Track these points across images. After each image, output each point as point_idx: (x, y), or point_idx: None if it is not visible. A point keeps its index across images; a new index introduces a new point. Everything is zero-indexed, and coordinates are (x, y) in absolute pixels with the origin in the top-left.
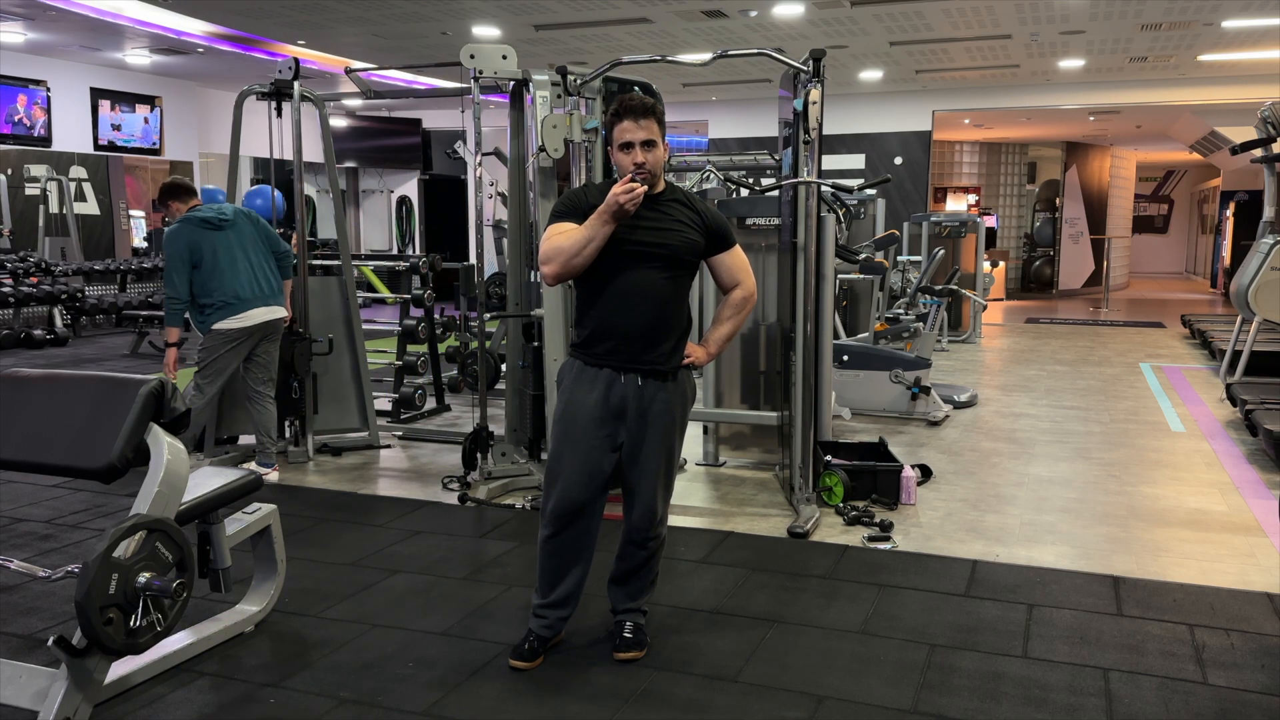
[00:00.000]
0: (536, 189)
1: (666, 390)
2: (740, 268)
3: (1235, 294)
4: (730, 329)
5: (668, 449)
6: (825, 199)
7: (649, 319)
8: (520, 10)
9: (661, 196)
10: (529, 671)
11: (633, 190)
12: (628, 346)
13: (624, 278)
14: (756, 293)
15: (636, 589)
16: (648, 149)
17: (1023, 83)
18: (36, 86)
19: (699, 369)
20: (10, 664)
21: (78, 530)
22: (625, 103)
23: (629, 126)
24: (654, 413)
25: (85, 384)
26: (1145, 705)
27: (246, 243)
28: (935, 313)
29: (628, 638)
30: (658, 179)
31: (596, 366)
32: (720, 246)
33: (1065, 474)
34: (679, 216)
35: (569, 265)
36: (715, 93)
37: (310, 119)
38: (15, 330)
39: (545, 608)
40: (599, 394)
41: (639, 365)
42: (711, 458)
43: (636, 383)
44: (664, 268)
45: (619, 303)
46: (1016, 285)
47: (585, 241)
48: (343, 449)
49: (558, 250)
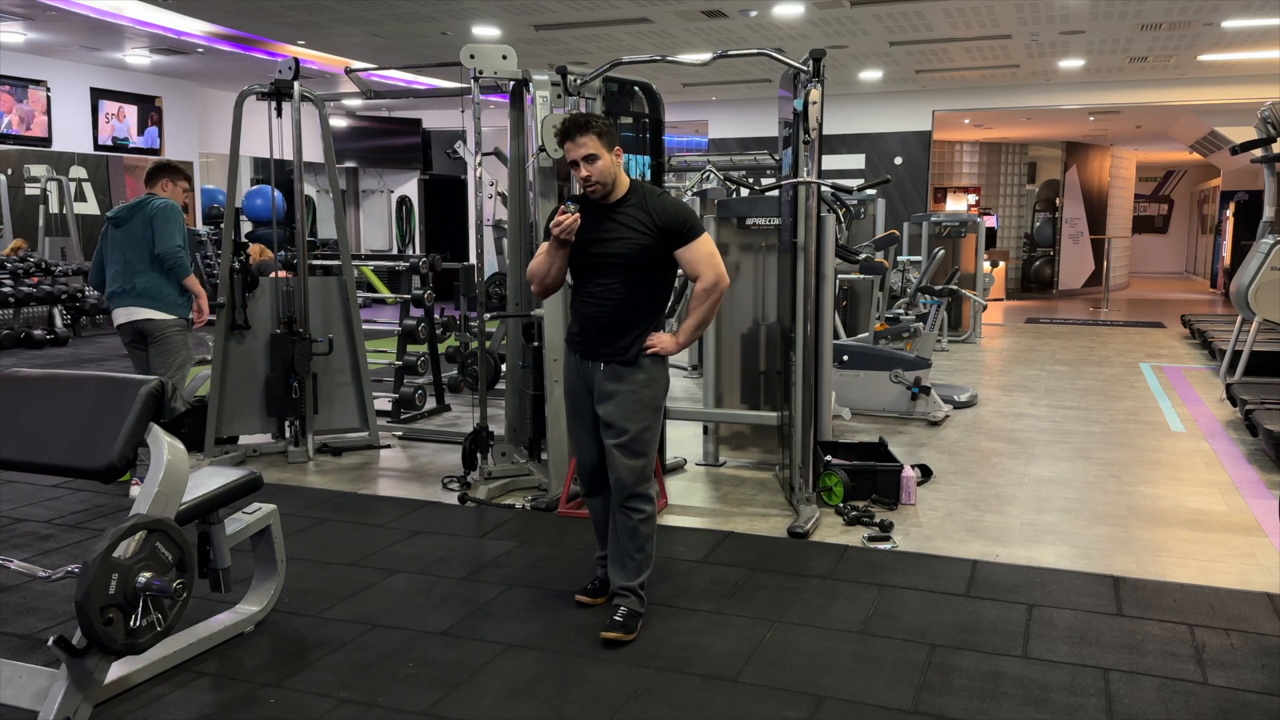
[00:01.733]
0: (536, 189)
1: (628, 372)
2: (700, 260)
3: (1235, 294)
4: (696, 320)
5: (632, 422)
6: (825, 199)
7: (606, 319)
8: (520, 10)
9: (620, 204)
10: (530, 671)
11: (561, 223)
12: (591, 340)
13: (586, 283)
14: (725, 281)
15: (625, 563)
16: (590, 163)
17: (1023, 83)
18: (36, 86)
19: (666, 357)
20: (10, 664)
21: (78, 530)
22: (564, 123)
23: (570, 146)
24: (618, 391)
25: (85, 384)
26: (1145, 705)
27: (127, 242)
28: (935, 313)
29: (616, 620)
30: (613, 186)
31: (573, 353)
32: (677, 242)
33: (1065, 474)
34: (631, 224)
35: (544, 284)
36: (715, 93)
37: (310, 119)
38: (15, 330)
39: (604, 558)
40: (577, 374)
41: (600, 356)
42: (711, 458)
43: (600, 368)
44: (618, 273)
45: (584, 304)
46: (1016, 285)
47: (549, 265)
48: (343, 449)
49: (533, 273)
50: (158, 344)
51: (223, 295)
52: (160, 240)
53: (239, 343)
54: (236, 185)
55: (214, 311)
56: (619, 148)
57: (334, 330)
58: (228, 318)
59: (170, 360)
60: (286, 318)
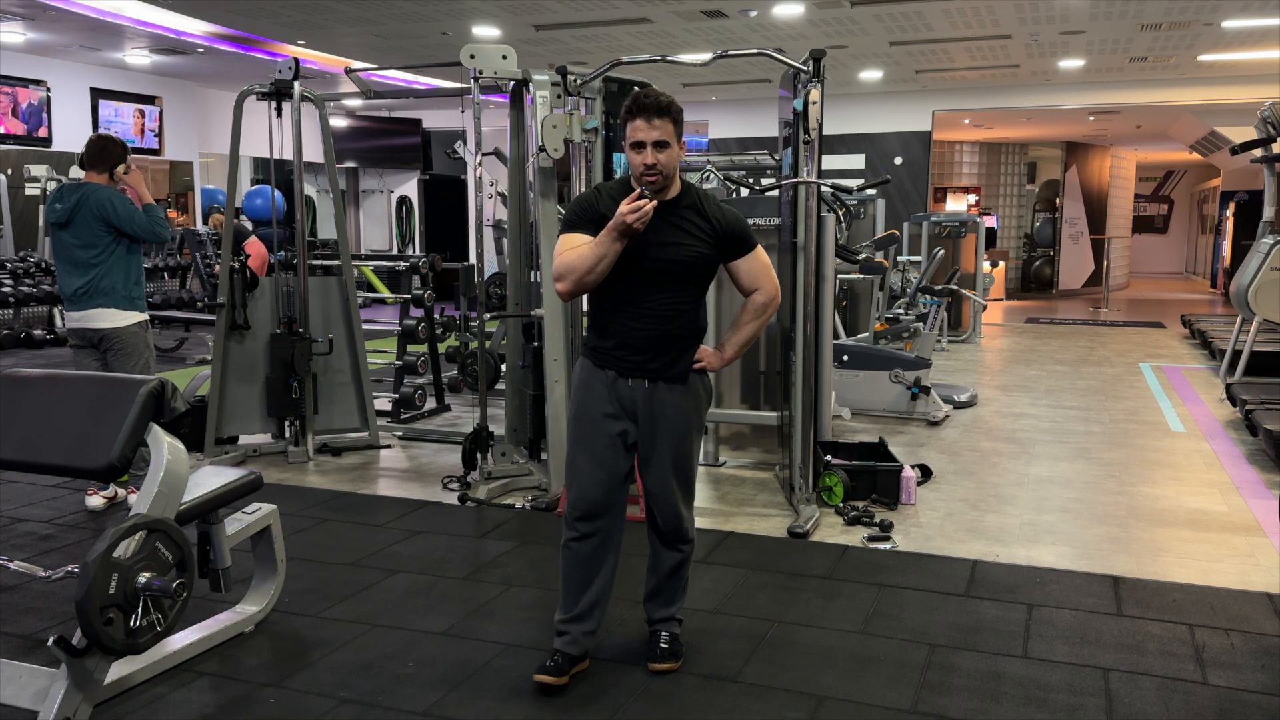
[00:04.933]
0: (536, 189)
1: (675, 393)
2: (760, 272)
3: (1235, 294)
4: (749, 333)
5: (684, 452)
6: (825, 199)
7: (658, 333)
8: (520, 10)
9: (676, 204)
10: (530, 671)
11: (640, 209)
12: (635, 355)
13: (634, 292)
14: (780, 295)
15: (670, 597)
16: (660, 150)
17: (1023, 83)
18: (37, 86)
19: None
20: (10, 664)
21: (78, 530)
22: (639, 99)
23: (641, 125)
24: (665, 416)
25: (85, 384)
26: (1145, 705)
27: (76, 242)
28: (935, 313)
29: (664, 649)
30: (671, 182)
31: (603, 368)
32: (737, 252)
33: (1065, 474)
34: (690, 229)
35: (582, 283)
36: (715, 93)
37: (310, 119)
38: (15, 330)
39: (568, 622)
40: (608, 393)
41: (646, 373)
42: (711, 458)
43: (644, 385)
44: (674, 282)
45: (628, 315)
46: (1016, 285)
47: (597, 259)
48: (343, 449)
49: (570, 268)
50: (115, 350)
51: (223, 295)
52: (130, 227)
53: (239, 343)
54: (236, 185)
55: (214, 311)
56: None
57: (334, 330)
58: (228, 318)
59: (128, 365)
60: (286, 318)
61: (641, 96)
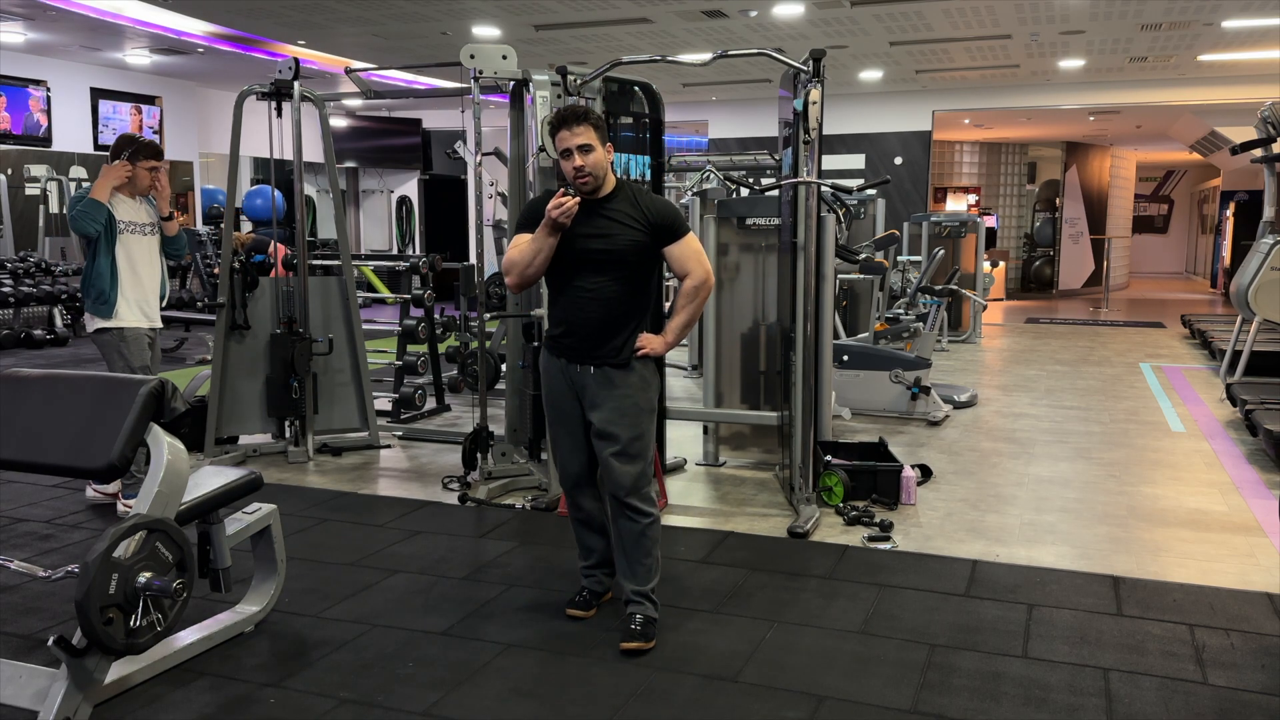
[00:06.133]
0: (536, 189)
1: (620, 375)
2: (689, 257)
3: (1235, 294)
4: (686, 317)
5: (628, 428)
6: (825, 199)
7: (598, 319)
8: (520, 10)
9: (609, 199)
10: (530, 671)
11: (562, 204)
12: (581, 343)
13: (575, 280)
14: (711, 278)
15: (635, 569)
16: (585, 153)
17: (1023, 83)
18: (37, 86)
19: (656, 357)
20: (10, 664)
21: (78, 530)
22: (560, 114)
23: (565, 135)
24: (611, 395)
25: (85, 384)
26: (1145, 705)
27: None
28: (935, 313)
29: (634, 629)
30: (603, 181)
31: (557, 356)
32: (667, 239)
33: (1065, 474)
34: (623, 219)
35: (524, 275)
36: (715, 93)
37: (310, 119)
38: (15, 330)
39: (590, 568)
40: (562, 379)
41: (592, 359)
42: (711, 458)
43: (590, 371)
44: (611, 269)
45: (571, 303)
46: (1016, 285)
47: (534, 254)
48: (343, 449)
49: (513, 263)
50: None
51: (223, 295)
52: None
53: (239, 343)
54: (236, 185)
55: (214, 311)
56: (610, 144)
57: (334, 330)
58: (228, 317)
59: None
60: (286, 318)
61: (562, 110)
